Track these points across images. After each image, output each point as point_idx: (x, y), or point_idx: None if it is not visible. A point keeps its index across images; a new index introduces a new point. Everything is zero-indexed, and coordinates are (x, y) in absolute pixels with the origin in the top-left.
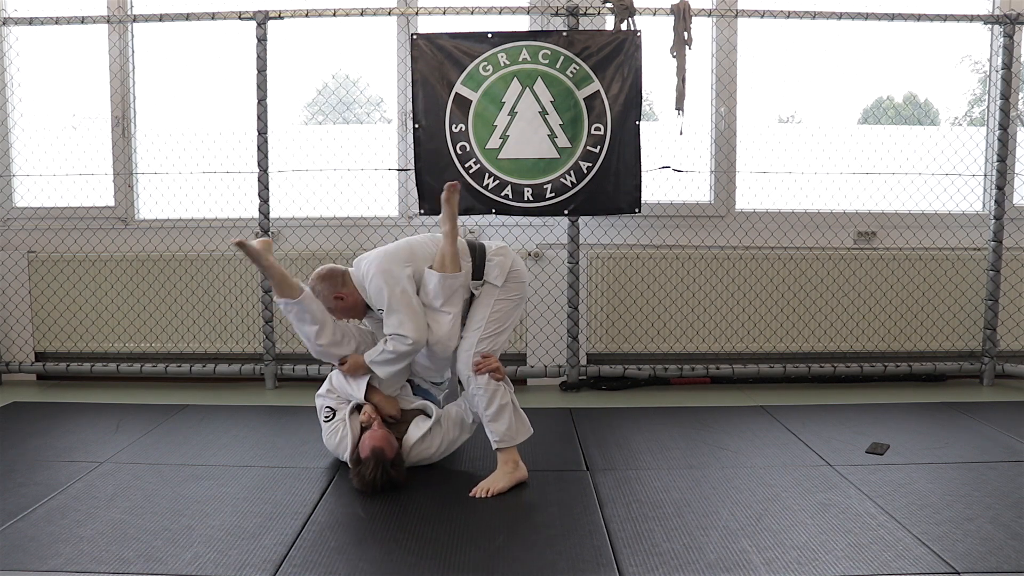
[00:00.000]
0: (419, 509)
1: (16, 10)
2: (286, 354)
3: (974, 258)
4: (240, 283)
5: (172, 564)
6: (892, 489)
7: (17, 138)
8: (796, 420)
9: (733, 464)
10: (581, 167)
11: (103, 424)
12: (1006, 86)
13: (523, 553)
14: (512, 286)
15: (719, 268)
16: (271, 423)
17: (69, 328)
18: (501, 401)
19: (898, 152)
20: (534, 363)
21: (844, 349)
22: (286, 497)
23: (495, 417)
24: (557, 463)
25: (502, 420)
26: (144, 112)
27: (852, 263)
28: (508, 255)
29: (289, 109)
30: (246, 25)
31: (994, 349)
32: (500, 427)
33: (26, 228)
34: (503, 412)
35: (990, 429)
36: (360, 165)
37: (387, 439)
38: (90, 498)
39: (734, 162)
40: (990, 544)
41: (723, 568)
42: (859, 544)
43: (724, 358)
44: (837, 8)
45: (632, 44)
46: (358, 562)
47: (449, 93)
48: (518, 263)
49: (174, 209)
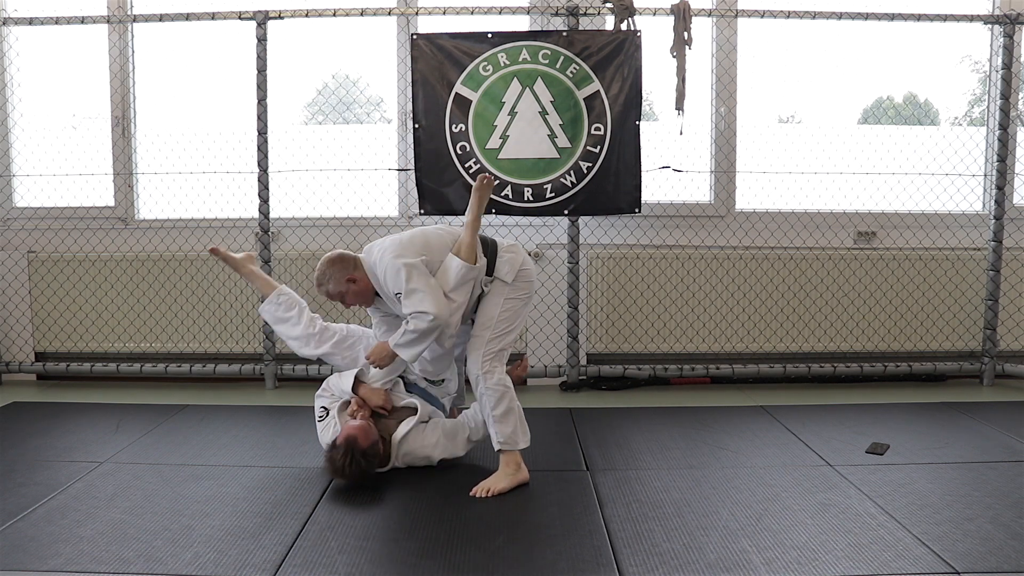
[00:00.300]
0: (419, 509)
1: (16, 10)
2: (286, 354)
3: (974, 258)
4: (240, 283)
5: (172, 564)
6: (892, 489)
7: (17, 138)
8: (796, 420)
9: (733, 464)
10: (581, 167)
11: (103, 424)
12: (1006, 86)
13: (523, 553)
14: (521, 284)
15: (719, 268)
16: (271, 423)
17: (69, 328)
18: (510, 404)
19: (898, 152)
20: (534, 363)
21: (844, 349)
22: (286, 497)
23: (501, 418)
24: (557, 463)
25: (508, 422)
26: (144, 112)
27: (852, 263)
28: (519, 253)
29: (289, 109)
30: (246, 25)
31: (994, 349)
32: (506, 429)
33: (26, 228)
34: (510, 414)
35: (990, 429)
36: (360, 165)
37: (364, 429)
38: (90, 498)
39: (734, 162)
40: (990, 544)
41: (723, 568)
42: (859, 544)
43: (724, 358)
44: (837, 8)
45: (632, 44)
46: (358, 562)
47: (449, 93)
48: (528, 261)
49: (174, 209)
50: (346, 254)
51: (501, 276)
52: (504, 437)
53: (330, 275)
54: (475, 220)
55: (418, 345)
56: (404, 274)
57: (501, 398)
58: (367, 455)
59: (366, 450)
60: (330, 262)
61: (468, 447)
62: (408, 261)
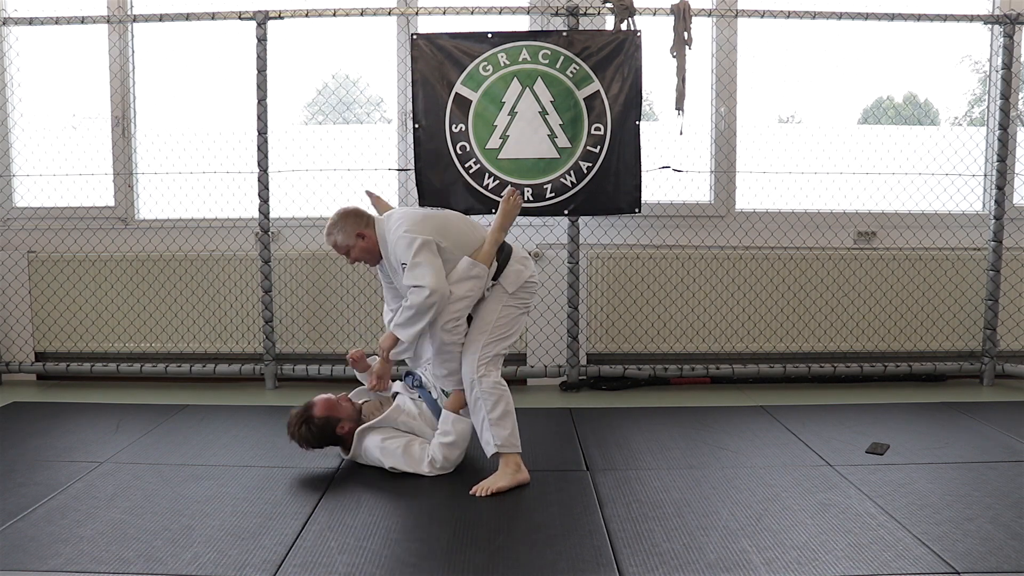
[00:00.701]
0: (419, 509)
1: (16, 10)
2: (286, 354)
3: (974, 258)
4: (240, 283)
5: (172, 564)
6: (892, 489)
7: (17, 138)
8: (796, 420)
9: (733, 464)
10: (581, 167)
11: (103, 424)
12: (1006, 86)
13: (523, 553)
14: (522, 295)
15: (719, 268)
16: (271, 423)
17: (69, 328)
18: (506, 407)
19: (898, 152)
20: (534, 363)
21: (844, 349)
22: (286, 497)
23: (498, 421)
24: (557, 463)
25: (505, 424)
26: (144, 112)
27: (852, 263)
28: (528, 267)
29: (289, 109)
30: (246, 25)
31: (994, 349)
32: (503, 432)
33: (26, 228)
34: (507, 417)
35: (990, 429)
36: (360, 165)
37: (328, 403)
38: (90, 498)
39: (734, 162)
40: (990, 544)
41: (723, 568)
42: (859, 544)
43: (724, 358)
44: (837, 8)
45: (632, 44)
46: (358, 562)
47: (449, 93)
48: (534, 276)
49: (174, 209)
50: (361, 210)
51: (504, 284)
52: (501, 440)
53: (341, 226)
54: (499, 230)
55: (415, 324)
56: (413, 247)
57: (498, 401)
58: (314, 425)
59: (315, 420)
60: (344, 214)
61: (432, 471)
62: (420, 236)
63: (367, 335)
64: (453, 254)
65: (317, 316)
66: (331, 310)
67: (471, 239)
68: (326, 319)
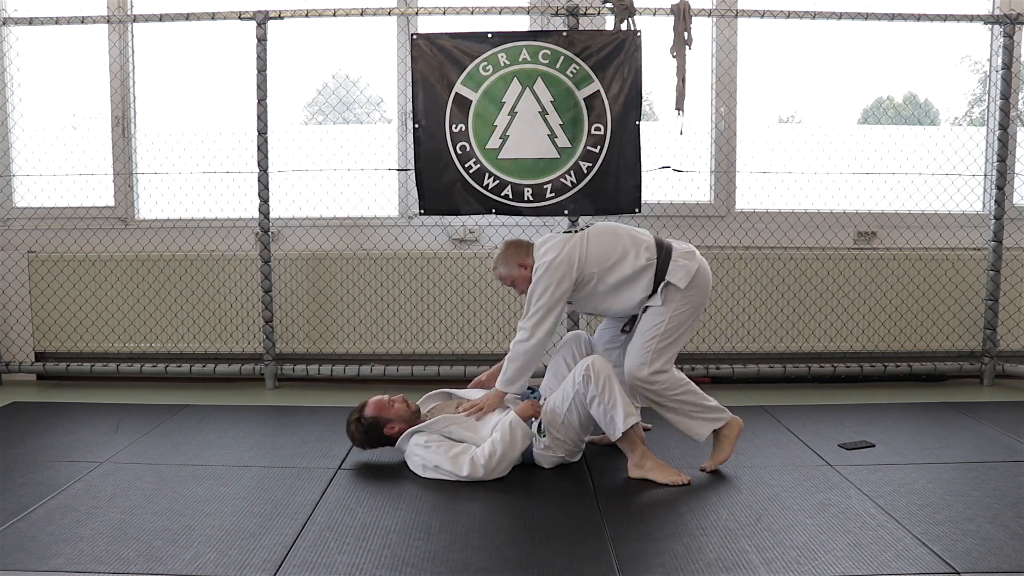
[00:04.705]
0: (420, 509)
1: (16, 10)
2: (286, 354)
3: (974, 258)
4: (240, 283)
5: (172, 564)
6: (892, 489)
7: (17, 138)
8: (796, 420)
9: (733, 464)
10: (581, 167)
11: (103, 424)
12: (1006, 86)
13: (523, 553)
14: (692, 293)
15: (719, 268)
16: (271, 423)
17: (69, 328)
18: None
19: (898, 152)
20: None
21: (844, 349)
22: (286, 497)
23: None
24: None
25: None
26: (144, 112)
27: (852, 263)
28: (695, 259)
29: (289, 109)
30: (246, 25)
31: (994, 349)
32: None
33: (26, 228)
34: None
35: (990, 429)
36: (360, 165)
37: (381, 405)
38: (90, 498)
39: (734, 162)
40: (990, 544)
41: (723, 568)
42: (859, 544)
43: (724, 358)
44: (837, 8)
45: (632, 44)
46: (358, 562)
47: (449, 93)
48: (704, 268)
49: (174, 209)
50: (523, 240)
51: (674, 280)
52: (702, 429)
53: (503, 259)
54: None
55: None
56: (540, 286)
57: (684, 393)
58: (362, 423)
59: (364, 419)
60: (507, 244)
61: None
62: (556, 274)
63: (367, 335)
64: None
65: (317, 316)
66: (331, 310)
67: (632, 244)
68: (326, 319)
